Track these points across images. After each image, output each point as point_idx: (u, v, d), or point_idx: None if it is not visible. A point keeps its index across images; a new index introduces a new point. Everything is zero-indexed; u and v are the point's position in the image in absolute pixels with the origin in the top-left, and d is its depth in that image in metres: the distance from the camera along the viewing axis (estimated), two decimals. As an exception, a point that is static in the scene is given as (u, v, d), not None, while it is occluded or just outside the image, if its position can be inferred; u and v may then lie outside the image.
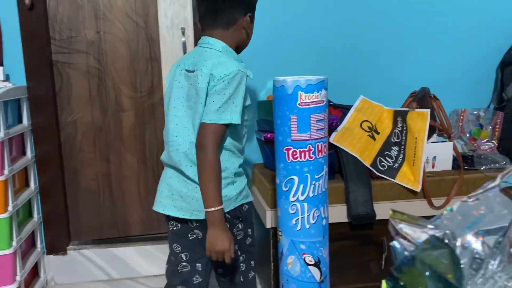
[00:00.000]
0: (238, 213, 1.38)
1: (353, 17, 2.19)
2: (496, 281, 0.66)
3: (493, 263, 0.69)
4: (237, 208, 1.37)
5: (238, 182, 1.36)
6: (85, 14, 2.10)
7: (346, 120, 1.96)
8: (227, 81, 1.24)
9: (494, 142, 2.07)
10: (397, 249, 0.72)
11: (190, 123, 1.30)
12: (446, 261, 0.67)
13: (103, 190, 2.26)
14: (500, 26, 2.30)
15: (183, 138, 1.31)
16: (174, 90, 1.34)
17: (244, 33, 1.38)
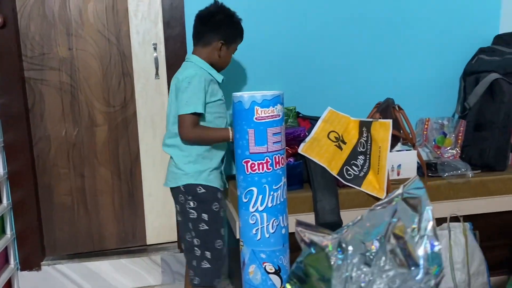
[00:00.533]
0: (192, 191, 1.66)
1: (321, 31, 2.27)
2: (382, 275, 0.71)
3: (382, 260, 0.75)
4: (191, 185, 1.66)
5: (199, 164, 1.67)
6: (57, 31, 2.13)
7: (314, 131, 2.01)
8: (188, 80, 1.61)
9: (457, 149, 2.14)
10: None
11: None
12: (324, 263, 0.72)
13: (77, 205, 2.27)
14: (462, 36, 2.39)
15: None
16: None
17: (217, 55, 1.74)
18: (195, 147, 1.67)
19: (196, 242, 1.68)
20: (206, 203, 1.67)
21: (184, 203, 1.70)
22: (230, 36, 1.74)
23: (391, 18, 2.32)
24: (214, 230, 1.68)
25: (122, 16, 2.17)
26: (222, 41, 1.71)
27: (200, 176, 1.67)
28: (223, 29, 1.72)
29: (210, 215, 1.67)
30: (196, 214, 1.67)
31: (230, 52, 1.77)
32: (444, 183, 1.97)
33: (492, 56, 2.23)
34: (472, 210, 1.97)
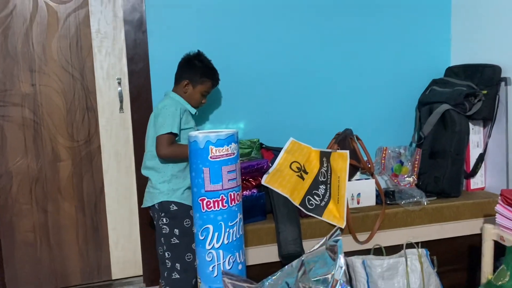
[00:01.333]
0: (165, 208, 1.83)
1: (282, 65, 2.35)
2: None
3: None
4: (165, 203, 1.83)
5: (173, 183, 1.84)
6: (20, 68, 2.14)
7: (277, 162, 2.07)
8: (165, 107, 1.85)
9: (414, 177, 2.23)
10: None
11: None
12: None
13: (40, 241, 2.24)
14: (417, 68, 2.52)
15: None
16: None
17: (183, 92, 1.94)
18: (170, 168, 1.85)
19: (167, 255, 1.84)
20: (178, 219, 1.83)
21: (158, 220, 1.86)
22: (196, 77, 1.94)
23: (350, 51, 2.43)
24: (184, 244, 1.83)
25: (86, 52, 2.20)
26: (188, 80, 1.93)
27: (174, 194, 1.84)
28: (191, 71, 1.95)
29: (181, 230, 1.83)
30: (168, 229, 1.84)
31: (197, 92, 1.95)
32: (401, 211, 2.04)
33: (444, 87, 2.36)
34: (428, 236, 2.04)
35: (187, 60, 1.98)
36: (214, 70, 2.01)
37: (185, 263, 1.83)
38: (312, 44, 2.38)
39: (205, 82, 1.96)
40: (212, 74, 2.00)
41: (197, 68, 1.95)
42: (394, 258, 1.87)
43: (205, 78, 1.96)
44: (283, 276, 0.85)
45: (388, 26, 2.46)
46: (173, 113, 1.83)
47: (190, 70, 1.95)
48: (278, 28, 2.33)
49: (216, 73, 2.01)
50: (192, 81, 1.93)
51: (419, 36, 2.52)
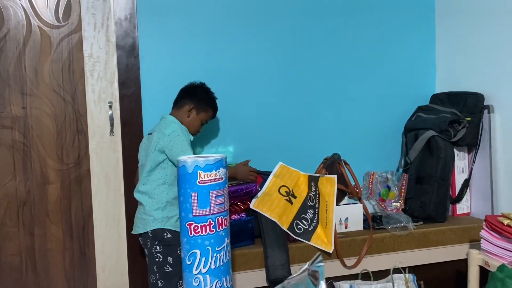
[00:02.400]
0: (159, 235, 1.82)
1: (272, 88, 2.40)
2: None
3: None
4: (158, 230, 1.82)
5: (167, 210, 1.84)
6: (12, 91, 2.16)
7: (266, 186, 2.09)
8: (175, 134, 1.86)
9: (401, 202, 2.26)
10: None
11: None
12: None
13: (26, 265, 2.21)
14: (403, 95, 2.58)
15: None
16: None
17: (186, 116, 1.97)
18: (165, 195, 1.85)
19: (160, 284, 1.84)
20: (172, 247, 1.82)
21: (150, 247, 1.85)
22: (201, 104, 2.00)
23: (337, 77, 2.49)
24: (176, 272, 1.81)
25: (78, 76, 2.23)
26: (192, 105, 1.98)
27: (168, 221, 1.84)
28: (196, 97, 2.00)
29: (174, 258, 1.81)
30: (161, 257, 1.83)
31: (199, 119, 2.00)
32: (388, 235, 2.06)
33: (429, 114, 2.42)
34: (416, 261, 2.06)
35: (193, 87, 2.05)
36: (216, 101, 2.07)
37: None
38: (300, 70, 2.44)
39: (207, 111, 2.02)
40: (215, 105, 2.07)
41: (202, 96, 2.02)
42: (382, 283, 1.88)
43: (209, 107, 2.02)
44: None
45: (374, 53, 2.54)
46: (184, 138, 1.87)
47: (195, 96, 2.00)
48: (266, 54, 2.39)
49: (216, 105, 2.08)
50: (197, 107, 1.98)
51: (404, 64, 2.59)
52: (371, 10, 2.52)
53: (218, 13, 2.32)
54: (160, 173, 1.86)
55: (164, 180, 1.86)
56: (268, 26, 2.38)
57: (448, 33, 2.53)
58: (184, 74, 2.23)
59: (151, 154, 1.86)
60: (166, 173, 1.86)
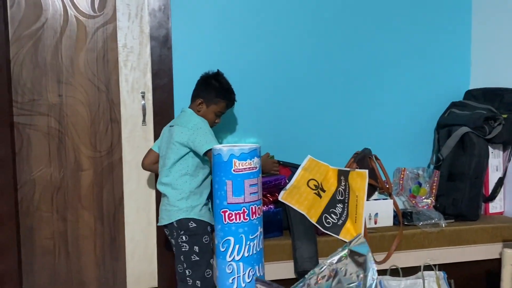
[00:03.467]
0: (185, 225, 1.83)
1: (301, 82, 2.39)
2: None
3: None
4: (183, 220, 1.83)
5: (191, 200, 1.85)
6: (48, 79, 2.21)
7: (294, 179, 2.08)
8: (198, 126, 1.87)
9: (432, 199, 2.22)
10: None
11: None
12: None
13: (59, 249, 2.28)
14: (437, 91, 2.53)
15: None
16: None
17: (196, 111, 1.95)
18: (187, 185, 1.86)
19: (187, 273, 1.84)
20: (197, 236, 1.84)
21: (176, 237, 1.87)
22: (210, 97, 1.96)
23: (370, 70, 2.46)
24: (204, 260, 1.84)
25: (112, 66, 2.27)
26: (202, 99, 1.96)
27: (192, 211, 1.85)
28: (206, 90, 1.97)
29: (201, 247, 1.84)
30: (188, 247, 1.84)
31: (210, 111, 1.97)
32: (419, 232, 2.03)
33: (463, 110, 2.36)
34: (446, 259, 2.02)
35: (204, 79, 2.01)
36: (231, 91, 2.02)
37: (205, 279, 1.84)
38: (333, 62, 2.42)
39: (219, 103, 1.98)
40: (228, 95, 2.01)
41: (212, 88, 1.97)
42: (411, 280, 1.86)
43: (220, 98, 1.97)
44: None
45: (408, 46, 2.49)
46: (208, 129, 1.86)
47: (205, 89, 1.97)
48: (298, 45, 2.37)
49: (232, 94, 2.03)
50: (206, 100, 1.96)
51: (439, 59, 2.54)
52: (407, 3, 2.47)
53: (251, 4, 2.32)
54: (182, 165, 1.87)
55: (186, 171, 1.87)
56: (300, 16, 2.37)
57: (485, 27, 2.46)
58: (216, 66, 2.23)
59: (173, 147, 1.87)
60: (187, 165, 1.87)
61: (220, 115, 2.01)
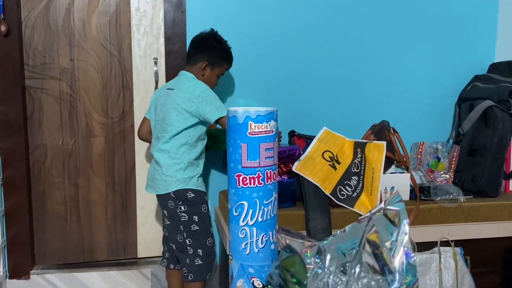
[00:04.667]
0: (183, 196, 1.80)
1: (318, 52, 2.31)
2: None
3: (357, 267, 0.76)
4: (181, 191, 1.80)
5: (188, 171, 1.81)
6: (60, 42, 2.17)
7: (309, 150, 2.03)
8: (205, 94, 1.79)
9: (450, 174, 2.16)
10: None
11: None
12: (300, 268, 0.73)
13: (70, 215, 2.27)
14: (459, 64, 2.44)
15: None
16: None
17: (200, 75, 1.89)
18: (186, 155, 1.82)
19: (188, 242, 1.83)
20: (196, 206, 1.82)
21: (174, 208, 1.83)
22: (214, 59, 1.90)
23: (389, 41, 2.37)
24: (204, 229, 1.84)
25: (124, 30, 2.21)
26: (206, 62, 1.89)
27: (190, 181, 1.82)
28: (208, 52, 1.89)
29: (200, 216, 1.83)
30: (187, 217, 1.82)
31: (214, 74, 1.92)
32: (436, 207, 1.97)
33: (487, 83, 2.27)
34: (463, 235, 1.97)
35: (204, 39, 1.92)
36: (230, 51, 1.96)
37: (207, 248, 1.85)
38: (351, 32, 2.33)
39: (223, 65, 1.93)
40: (230, 57, 1.96)
41: (215, 50, 1.90)
42: (427, 254, 1.81)
43: (224, 60, 1.93)
44: (336, 241, 0.82)
45: (431, 16, 2.39)
46: (215, 95, 1.80)
47: (207, 52, 1.89)
48: (315, 14, 2.29)
49: (231, 54, 1.97)
50: (210, 63, 1.89)
51: (463, 31, 2.43)
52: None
53: (268, -32, 2.23)
54: (184, 134, 1.80)
55: (187, 141, 1.81)
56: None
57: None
58: (231, 31, 2.17)
59: (180, 115, 1.78)
60: (189, 134, 1.81)
61: (220, 76, 1.97)
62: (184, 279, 1.88)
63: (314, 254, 0.79)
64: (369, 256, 0.81)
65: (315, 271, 0.76)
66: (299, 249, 0.79)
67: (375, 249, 0.80)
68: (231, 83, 2.24)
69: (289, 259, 0.75)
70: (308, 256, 0.78)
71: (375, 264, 0.80)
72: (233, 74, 2.23)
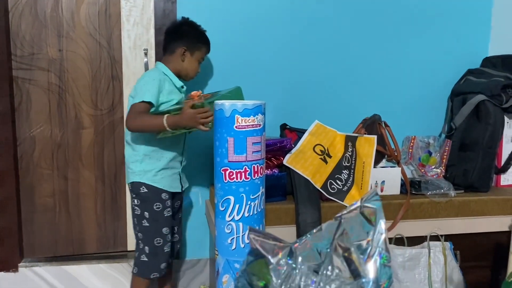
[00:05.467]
0: (136, 189, 1.79)
1: (311, 45, 2.28)
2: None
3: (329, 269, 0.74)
4: (136, 184, 1.78)
5: (145, 163, 1.78)
6: (48, 32, 2.13)
7: (300, 143, 2.02)
8: (142, 77, 1.81)
9: (442, 168, 2.15)
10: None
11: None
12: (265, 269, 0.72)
13: (59, 207, 2.25)
14: (452, 57, 2.42)
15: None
16: None
17: (180, 60, 1.87)
18: (143, 147, 1.79)
19: (140, 236, 1.83)
20: (148, 202, 1.79)
21: (131, 199, 1.84)
22: (193, 43, 1.88)
23: (382, 35, 2.35)
24: (154, 228, 1.80)
25: (114, 20, 2.17)
26: (185, 47, 1.86)
27: (145, 175, 1.79)
28: (186, 37, 1.87)
29: (151, 213, 1.79)
30: (139, 211, 1.81)
31: (195, 59, 1.90)
32: (426, 202, 1.97)
33: (479, 78, 2.26)
34: (453, 230, 1.97)
35: (178, 26, 1.91)
36: (206, 34, 1.94)
37: (154, 247, 1.81)
38: (344, 26, 2.31)
39: (201, 48, 1.90)
40: (206, 39, 1.93)
41: (191, 35, 1.89)
42: (417, 249, 1.81)
43: (201, 43, 1.90)
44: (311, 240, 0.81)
45: (426, 11, 2.37)
46: (148, 81, 1.75)
47: (184, 37, 1.87)
48: (308, 8, 2.26)
49: (208, 38, 1.94)
50: (189, 48, 1.86)
51: (457, 24, 2.42)
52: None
53: (261, -41, 2.20)
54: None
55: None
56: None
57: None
58: (221, 21, 2.15)
59: (130, 100, 1.79)
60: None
61: (201, 62, 1.94)
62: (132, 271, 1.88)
63: (286, 256, 0.77)
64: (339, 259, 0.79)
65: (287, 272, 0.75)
66: (271, 250, 0.77)
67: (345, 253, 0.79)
68: (220, 75, 2.22)
69: (256, 263, 0.74)
70: (280, 257, 0.77)
71: (345, 268, 0.79)
72: (223, 66, 2.20)
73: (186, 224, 2.29)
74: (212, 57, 2.16)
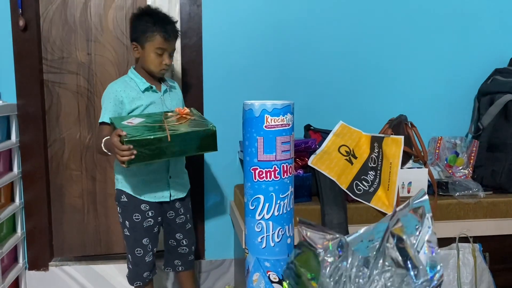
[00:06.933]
0: (118, 197, 1.77)
1: (335, 46, 2.28)
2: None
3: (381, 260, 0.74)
4: (118, 191, 1.77)
5: (126, 170, 1.69)
6: (77, 37, 2.18)
7: (325, 144, 2.01)
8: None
9: (469, 169, 2.12)
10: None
11: None
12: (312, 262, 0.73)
13: (87, 208, 2.30)
14: (478, 57, 2.39)
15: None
16: None
17: (136, 57, 1.75)
18: None
19: (125, 243, 1.82)
20: (128, 212, 1.74)
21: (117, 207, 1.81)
22: (138, 35, 1.69)
23: (408, 34, 2.33)
24: (133, 238, 1.76)
25: (141, 24, 2.21)
26: (135, 42, 1.71)
27: (126, 183, 1.74)
28: (133, 31, 1.73)
29: (131, 223, 1.75)
30: (121, 220, 1.79)
31: (149, 51, 1.68)
32: (454, 203, 1.95)
33: (507, 77, 2.22)
34: (483, 231, 1.94)
35: (133, 19, 1.73)
36: (165, 20, 1.69)
37: (135, 258, 1.77)
38: (370, 26, 2.30)
39: (152, 37, 1.65)
40: (157, 25, 1.65)
41: (137, 25, 1.69)
42: (445, 250, 1.79)
43: (150, 32, 1.65)
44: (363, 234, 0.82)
45: (452, 10, 2.34)
46: (106, 99, 1.66)
47: (132, 32, 1.72)
48: (332, 7, 2.26)
49: (166, 23, 1.68)
50: (138, 41, 1.68)
51: (484, 23, 2.38)
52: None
53: (285, -39, 2.21)
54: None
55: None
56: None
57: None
58: (247, 25, 2.16)
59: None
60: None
61: (162, 52, 1.68)
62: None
63: (336, 247, 0.78)
64: (393, 249, 0.80)
65: (336, 264, 0.76)
66: (320, 242, 0.78)
67: (399, 243, 0.79)
68: (247, 77, 2.23)
69: (304, 255, 0.75)
70: (330, 249, 0.77)
71: (398, 258, 0.79)
72: (250, 69, 2.22)
73: (210, 225, 2.31)
74: (237, 59, 2.18)
